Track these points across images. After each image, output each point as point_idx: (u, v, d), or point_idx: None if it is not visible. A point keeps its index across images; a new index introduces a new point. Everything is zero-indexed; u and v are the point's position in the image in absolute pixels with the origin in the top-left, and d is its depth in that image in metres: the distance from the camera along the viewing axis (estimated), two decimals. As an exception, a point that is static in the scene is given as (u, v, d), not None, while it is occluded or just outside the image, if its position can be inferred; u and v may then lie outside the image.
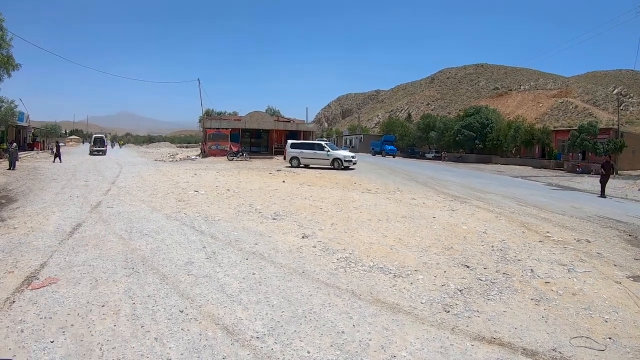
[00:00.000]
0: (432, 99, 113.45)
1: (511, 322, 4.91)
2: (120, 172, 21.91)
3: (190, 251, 7.37)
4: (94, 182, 17.26)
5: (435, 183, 20.93)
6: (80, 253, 7.06)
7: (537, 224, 10.73)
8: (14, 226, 8.95)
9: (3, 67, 13.45)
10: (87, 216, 10.11)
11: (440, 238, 8.67)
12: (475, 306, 5.30)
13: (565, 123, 64.46)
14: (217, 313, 4.91)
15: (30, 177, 19.28)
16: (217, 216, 10.39)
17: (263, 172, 23.54)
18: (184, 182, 17.02)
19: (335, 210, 11.65)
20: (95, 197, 13.00)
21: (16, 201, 12.43)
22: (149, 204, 11.98)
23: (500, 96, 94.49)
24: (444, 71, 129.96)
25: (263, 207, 11.68)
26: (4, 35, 13.07)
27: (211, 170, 24.13)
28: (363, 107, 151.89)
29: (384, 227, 9.68)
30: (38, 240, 7.84)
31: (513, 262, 7.18)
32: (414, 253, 7.57)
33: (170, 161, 34.47)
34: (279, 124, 43.60)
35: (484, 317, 5.01)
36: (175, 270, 6.35)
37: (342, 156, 27.23)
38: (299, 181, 18.78)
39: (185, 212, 10.75)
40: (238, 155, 35.02)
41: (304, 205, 12.26)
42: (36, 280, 5.80)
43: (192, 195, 13.63)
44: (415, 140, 66.34)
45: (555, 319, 5.02)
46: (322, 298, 5.51)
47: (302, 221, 10.12)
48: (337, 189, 16.39)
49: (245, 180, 18.46)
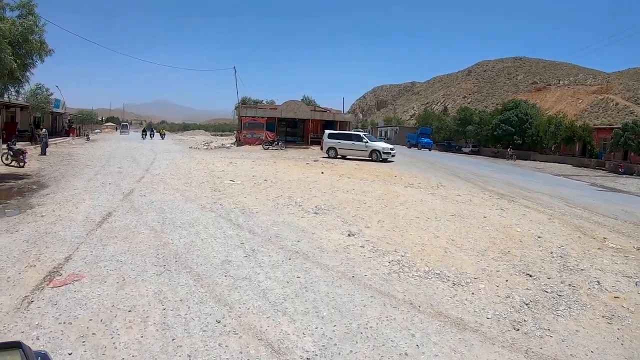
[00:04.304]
0: (469, 92, 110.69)
1: (586, 344, 4.43)
2: (155, 159, 21.88)
3: (227, 247, 6.82)
4: (128, 168, 17.16)
5: (478, 179, 20.13)
6: (109, 246, 6.63)
7: (592, 229, 10.02)
8: (42, 214, 8.68)
9: (36, 52, 13.33)
10: (118, 205, 9.78)
11: (495, 241, 8.12)
12: (545, 323, 4.80)
13: (605, 120, 61.31)
14: (260, 325, 4.31)
15: (64, 163, 19.43)
16: (254, 208, 9.86)
17: (300, 162, 23.02)
18: (219, 171, 16.66)
19: (380, 205, 11.00)
20: (128, 185, 12.75)
21: (47, 187, 12.31)
22: (183, 193, 11.59)
23: (538, 91, 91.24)
24: (481, 64, 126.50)
25: (303, 200, 11.08)
26: (36, 21, 12.97)
27: (247, 159, 23.80)
28: (398, 98, 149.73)
29: (434, 226, 9.05)
30: (65, 230, 7.50)
31: (576, 272, 6.65)
32: (470, 257, 7.01)
33: (204, 149, 34.42)
34: (316, 113, 42.94)
35: (557, 337, 4.53)
36: (211, 270, 5.80)
37: (381, 148, 26.53)
38: (338, 172, 18.14)
39: (220, 203, 10.27)
40: (274, 145, 34.66)
41: (346, 199, 11.61)
42: (59, 276, 5.37)
43: (227, 185, 13.19)
44: (451, 134, 65.24)
45: (631, 341, 4.52)
46: (377, 310, 4.88)
47: (346, 217, 9.49)
48: (379, 182, 15.70)
49: (282, 170, 17.95)
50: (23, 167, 16.94)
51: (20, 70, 13.50)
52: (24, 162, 17.22)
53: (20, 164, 17.08)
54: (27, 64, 13.92)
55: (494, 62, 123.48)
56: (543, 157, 47.28)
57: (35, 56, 13.85)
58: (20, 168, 16.81)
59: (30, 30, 13.06)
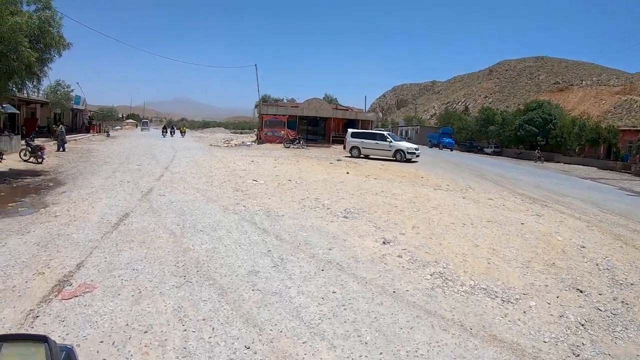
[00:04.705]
0: (490, 92, 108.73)
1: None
2: (175, 157, 21.48)
3: (253, 255, 6.23)
4: (147, 166, 16.76)
5: (506, 181, 19.31)
6: (124, 251, 6.10)
7: (632, 238, 9.33)
8: (56, 214, 8.23)
9: (54, 46, 13.09)
10: (136, 205, 9.29)
11: (537, 251, 7.53)
12: (605, 347, 4.35)
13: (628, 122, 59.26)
14: (296, 353, 3.70)
15: (83, 159, 19.18)
16: (280, 211, 9.27)
17: (323, 161, 22.40)
18: (241, 170, 16.12)
19: (412, 209, 10.35)
20: (147, 183, 12.30)
21: (64, 185, 11.94)
22: (204, 193, 11.06)
23: (560, 91, 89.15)
24: (502, 63, 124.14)
25: (331, 202, 10.46)
26: (53, 14, 12.75)
27: (268, 157, 23.26)
28: (418, 97, 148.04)
29: (472, 233, 8.40)
30: (79, 232, 7.01)
31: (626, 287, 6.11)
32: (514, 269, 6.44)
33: (225, 147, 34.03)
34: (338, 112, 42.28)
35: (618, 363, 4.04)
36: (237, 282, 5.21)
37: (405, 148, 25.80)
38: (364, 173, 17.48)
39: (244, 205, 9.70)
40: (295, 143, 34.10)
41: (376, 201, 10.96)
42: (68, 286, 4.86)
43: (250, 185, 12.62)
44: (473, 134, 63.88)
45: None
46: (425, 333, 4.27)
47: (377, 221, 8.88)
48: (406, 183, 15.01)
49: (306, 169, 17.34)
50: (41, 164, 16.72)
51: (38, 65, 13.29)
52: (42, 158, 17.00)
53: (39, 160, 16.89)
54: (45, 58, 13.67)
55: (515, 61, 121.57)
56: (567, 159, 45.93)
57: (53, 50, 13.62)
58: (38, 164, 16.61)
59: (48, 24, 12.86)
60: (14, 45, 11.52)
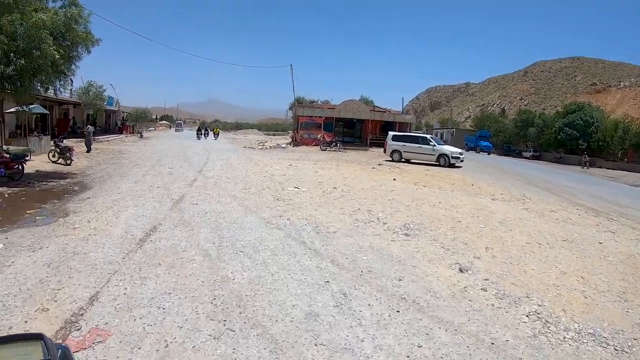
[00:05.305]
0: (526, 94, 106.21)
1: None
2: (208, 159, 20.50)
3: (307, 289, 5.00)
4: (179, 169, 15.81)
5: (558, 189, 17.75)
6: (149, 279, 4.97)
7: None
8: (75, 225, 7.24)
9: (81, 43, 12.44)
10: (165, 215, 8.22)
11: (627, 278, 6.45)
12: None
13: None
14: None
15: (113, 161, 18.46)
16: (330, 226, 8.03)
17: (364, 165, 21.07)
18: (280, 175, 14.91)
19: (477, 224, 9.03)
20: (179, 189, 11.29)
21: (89, 189, 11.07)
22: (242, 201, 9.93)
23: (598, 92, 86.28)
24: (538, 64, 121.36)
25: (386, 216, 9.17)
26: (80, 11, 12.11)
27: (306, 161, 22.08)
28: (452, 99, 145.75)
29: (552, 256, 7.21)
30: (98, 250, 5.96)
31: None
32: (613, 304, 5.37)
33: (259, 149, 33.08)
34: (375, 114, 40.96)
35: None
36: (292, 330, 3.98)
37: (449, 152, 24.61)
38: (411, 179, 16.10)
39: (288, 217, 8.50)
40: (331, 146, 32.92)
41: (436, 215, 9.63)
42: (76, 331, 3.76)
43: (292, 192, 11.41)
44: (511, 137, 62.05)
45: None
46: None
47: (443, 240, 7.60)
48: (459, 192, 13.62)
49: (350, 175, 16.01)
50: (69, 165, 16.10)
51: (65, 63, 12.63)
52: (71, 159, 16.39)
53: (67, 162, 16.27)
54: (73, 56, 13.01)
55: (551, 62, 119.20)
56: (609, 164, 43.80)
57: (81, 47, 12.97)
58: (67, 166, 15.97)
59: (74, 20, 12.18)
60: (37, 42, 10.87)
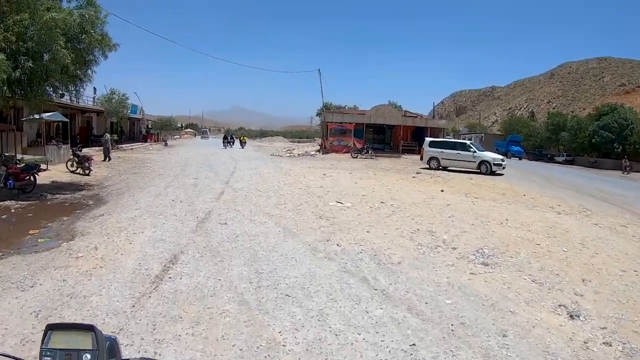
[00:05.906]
0: (554, 96, 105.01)
1: None
2: (235, 169, 19.14)
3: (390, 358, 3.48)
4: (205, 180, 14.49)
5: (613, 198, 16.36)
6: (165, 346, 3.55)
7: None
8: (79, 253, 5.93)
9: (98, 46, 11.42)
10: (188, 240, 6.82)
11: None
12: None
13: None
14: None
15: (134, 170, 17.35)
16: (391, 253, 6.51)
17: (403, 174, 19.48)
18: (316, 187, 13.39)
19: (558, 247, 7.51)
20: (204, 204, 9.94)
21: (104, 204, 9.85)
22: (279, 220, 8.46)
23: (627, 93, 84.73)
24: (564, 65, 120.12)
25: (452, 238, 7.63)
26: (97, 12, 11.07)
27: (339, 169, 20.58)
28: (478, 104, 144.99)
29: None
30: (101, 291, 4.60)
31: None
32: None
33: (287, 157, 31.76)
34: (407, 119, 39.49)
35: None
36: None
37: (491, 159, 23.17)
38: (458, 190, 14.51)
39: (337, 242, 7.00)
40: (363, 153, 31.43)
41: (508, 235, 8.05)
42: None
43: (335, 209, 9.88)
44: (542, 141, 60.33)
45: None
46: None
47: (530, 271, 6.15)
48: (516, 204, 12.08)
49: (393, 187, 14.39)
50: (88, 175, 15.12)
51: (81, 67, 11.73)
52: (90, 169, 15.40)
53: (86, 172, 15.27)
54: (89, 60, 12.03)
55: (577, 63, 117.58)
56: None
57: (97, 51, 11.99)
58: (85, 176, 14.97)
59: (90, 22, 11.17)
60: (48, 44, 9.92)
